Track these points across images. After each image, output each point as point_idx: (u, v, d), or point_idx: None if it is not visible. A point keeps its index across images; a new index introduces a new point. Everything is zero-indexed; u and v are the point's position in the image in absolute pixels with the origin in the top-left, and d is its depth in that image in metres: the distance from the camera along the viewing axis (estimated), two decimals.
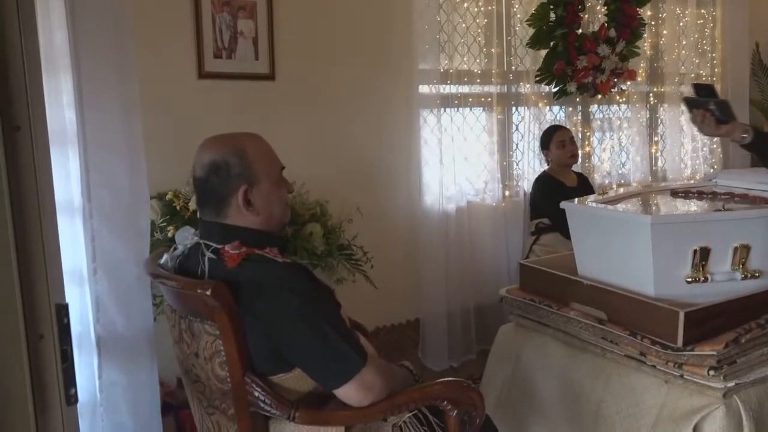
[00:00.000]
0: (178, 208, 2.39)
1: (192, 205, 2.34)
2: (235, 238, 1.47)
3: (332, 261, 2.65)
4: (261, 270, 1.43)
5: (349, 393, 1.41)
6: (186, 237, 1.56)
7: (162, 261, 1.59)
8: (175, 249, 1.59)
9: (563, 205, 2.43)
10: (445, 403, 1.47)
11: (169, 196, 2.41)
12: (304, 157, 2.84)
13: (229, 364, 1.40)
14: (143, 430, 1.80)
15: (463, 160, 3.39)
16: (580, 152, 3.63)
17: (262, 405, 1.40)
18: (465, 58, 3.39)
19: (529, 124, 3.58)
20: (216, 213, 1.50)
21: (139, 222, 1.75)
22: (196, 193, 1.55)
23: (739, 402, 1.92)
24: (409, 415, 1.54)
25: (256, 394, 1.39)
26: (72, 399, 0.86)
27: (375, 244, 2.83)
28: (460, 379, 1.54)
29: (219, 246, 1.47)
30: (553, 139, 3.41)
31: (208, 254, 1.47)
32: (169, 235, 2.27)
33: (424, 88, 3.20)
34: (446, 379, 1.53)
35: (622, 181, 3.99)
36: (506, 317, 2.67)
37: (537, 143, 3.54)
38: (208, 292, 1.34)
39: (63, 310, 0.85)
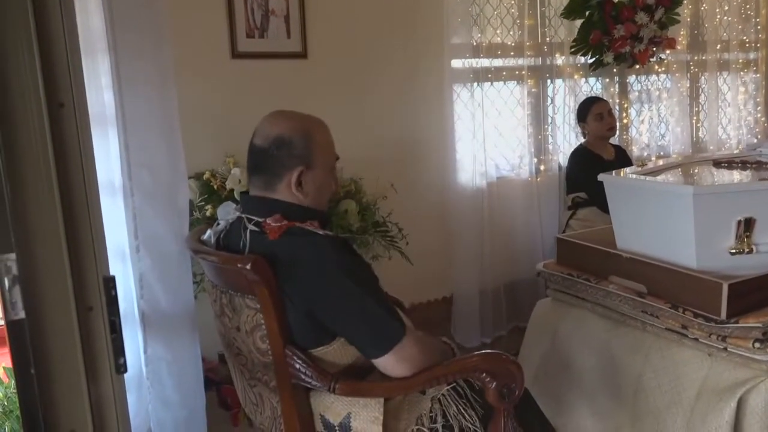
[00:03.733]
0: (215, 187, 2.42)
1: (230, 184, 2.37)
2: (278, 211, 1.48)
3: (368, 238, 2.66)
4: (302, 242, 1.45)
5: (389, 363, 1.43)
6: (228, 212, 1.58)
7: (205, 237, 1.62)
8: (218, 224, 1.61)
9: (601, 177, 2.40)
10: (484, 375, 1.47)
11: (206, 176, 2.45)
12: (337, 135, 2.78)
13: (270, 338, 1.42)
14: (188, 404, 1.85)
15: (497, 135, 3.35)
16: (618, 124, 3.56)
17: (303, 377, 1.42)
18: (498, 31, 3.33)
19: (564, 97, 3.51)
20: (265, 185, 1.52)
21: (178, 200, 1.78)
22: (250, 160, 1.56)
23: None
24: (448, 387, 1.54)
25: (297, 366, 1.42)
26: (121, 368, 0.88)
27: (409, 221, 2.82)
28: (499, 351, 1.53)
29: (261, 219, 1.49)
30: (590, 111, 3.35)
31: (251, 227, 1.49)
32: (207, 214, 2.31)
33: (456, 63, 3.16)
34: (484, 351, 1.53)
35: (662, 154, 3.89)
36: (539, 293, 2.66)
37: (573, 116, 3.48)
38: (248, 267, 1.36)
39: (110, 283, 0.87)
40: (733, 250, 2.03)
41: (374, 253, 2.73)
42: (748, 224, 2.03)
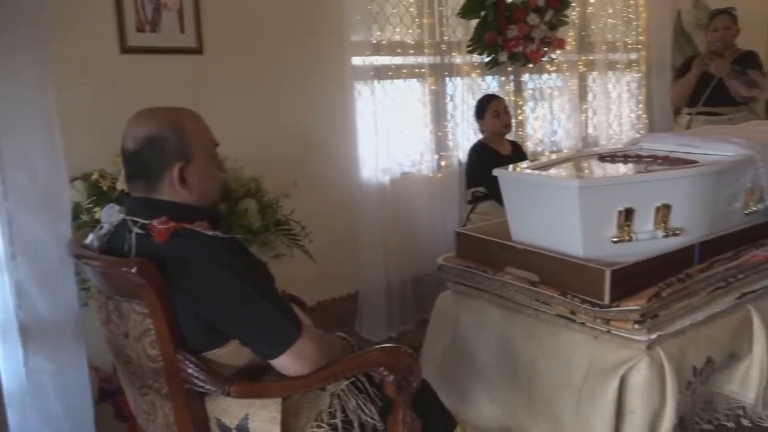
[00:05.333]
0: (104, 188, 2.30)
1: (120, 185, 2.27)
2: (164, 213, 1.43)
3: (269, 237, 2.63)
4: (190, 244, 1.41)
5: (286, 363, 1.42)
6: (111, 214, 1.51)
7: (87, 241, 1.54)
8: (101, 228, 1.54)
9: (495, 172, 2.48)
10: (382, 369, 1.48)
11: (94, 176, 2.32)
12: (236, 133, 2.76)
13: (160, 343, 1.37)
14: (73, 417, 1.75)
15: (398, 132, 3.40)
16: (513, 121, 3.70)
17: (196, 382, 1.39)
18: (398, 29, 3.38)
19: (463, 95, 3.61)
20: (146, 188, 1.47)
21: (59, 203, 1.68)
22: (125, 166, 1.50)
23: (661, 352, 2.02)
24: (347, 383, 1.55)
25: (190, 371, 1.38)
26: None
27: (313, 219, 2.81)
28: (397, 345, 1.55)
29: (146, 222, 1.43)
30: (487, 108, 3.46)
31: (135, 230, 1.44)
32: (97, 216, 2.19)
33: (357, 60, 3.18)
34: (382, 345, 1.55)
35: (555, 149, 4.09)
36: (443, 287, 2.71)
37: (471, 113, 3.58)
38: (134, 270, 1.31)
39: None
40: (615, 239, 2.17)
41: (276, 252, 2.69)
42: (628, 214, 2.16)
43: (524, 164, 2.81)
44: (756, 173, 2.40)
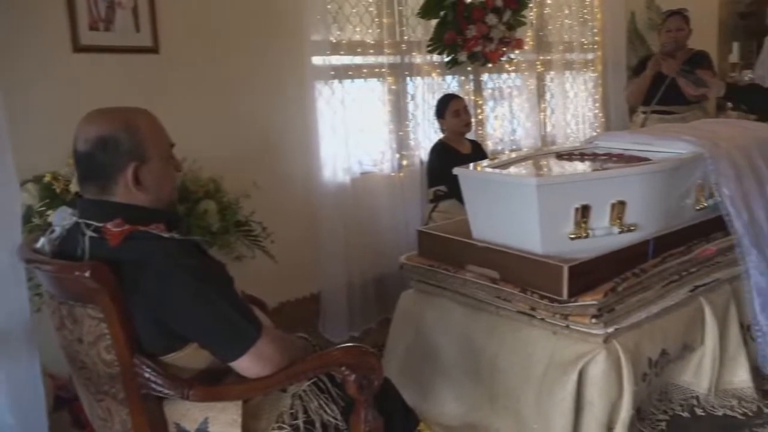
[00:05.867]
0: (57, 191, 2.25)
1: (73, 187, 2.21)
2: (118, 215, 1.40)
3: (229, 238, 2.60)
4: (146, 247, 1.38)
5: (246, 365, 1.40)
6: (63, 218, 1.47)
7: (38, 245, 1.50)
8: (53, 231, 1.50)
9: (456, 171, 2.51)
10: (344, 368, 1.48)
11: (47, 179, 2.26)
12: (195, 134, 2.74)
13: (116, 347, 1.35)
14: (27, 426, 1.70)
15: (359, 131, 3.39)
16: (473, 120, 3.73)
17: (153, 386, 1.36)
18: (357, 29, 3.38)
19: (423, 94, 3.62)
20: (100, 190, 1.44)
21: (8, 206, 1.63)
22: (77, 168, 1.46)
23: (618, 345, 2.07)
24: (309, 383, 1.55)
25: (147, 375, 1.35)
26: None
27: (274, 219, 2.79)
28: (358, 344, 1.55)
29: (100, 224, 1.40)
30: (448, 108, 3.48)
31: (89, 233, 1.40)
32: (49, 219, 2.14)
33: (317, 60, 3.16)
34: (343, 345, 1.55)
35: (514, 147, 4.14)
36: (406, 285, 2.73)
37: (432, 113, 3.60)
38: (87, 274, 1.28)
39: None
40: (573, 235, 2.21)
41: (237, 254, 2.67)
42: (584, 211, 2.21)
43: (484, 163, 2.84)
44: (706, 170, 2.47)
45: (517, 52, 3.97)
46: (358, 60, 3.37)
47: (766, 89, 2.71)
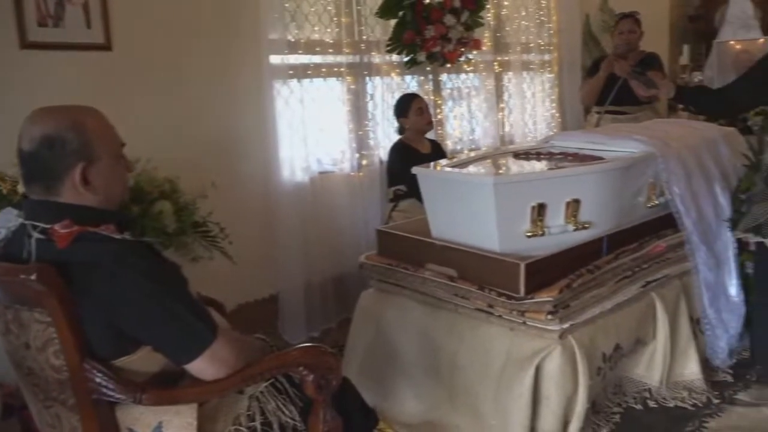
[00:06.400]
0: (4, 192, 2.18)
1: (21, 189, 2.15)
2: (66, 216, 1.37)
3: (186, 239, 2.55)
4: (96, 248, 1.35)
5: (201, 367, 1.38)
6: (8, 219, 1.43)
7: None
8: None
9: (414, 170, 2.52)
10: (301, 368, 1.47)
11: None
12: (149, 133, 2.69)
13: (65, 352, 1.31)
14: None
15: (318, 131, 3.38)
16: (433, 120, 3.75)
17: (105, 391, 1.33)
18: (316, 28, 3.36)
19: (383, 94, 3.63)
20: (46, 191, 1.39)
21: None
22: (22, 168, 1.42)
23: (573, 341, 2.11)
24: (266, 385, 1.53)
25: (98, 380, 1.32)
26: None
27: (233, 220, 2.76)
28: (316, 344, 1.55)
29: (47, 226, 1.36)
30: (411, 106, 3.49)
31: (36, 235, 1.36)
32: None
33: (275, 59, 3.13)
34: (301, 345, 1.54)
35: (473, 147, 4.18)
36: (367, 284, 2.73)
37: (392, 112, 3.60)
38: (33, 277, 1.25)
39: None
40: (529, 233, 2.25)
41: (194, 255, 2.62)
42: (540, 209, 2.25)
43: (443, 162, 2.87)
44: (657, 169, 2.54)
45: (475, 52, 4.01)
46: (316, 59, 3.35)
47: (714, 91, 2.80)
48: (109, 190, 1.44)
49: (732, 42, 5.18)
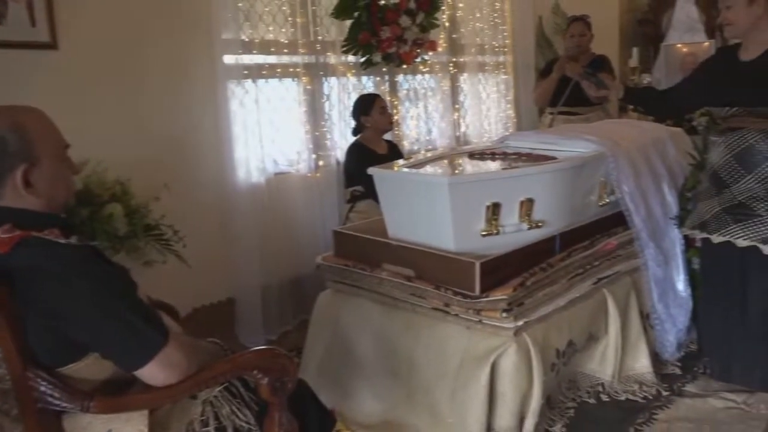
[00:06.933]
0: None
1: None
2: (7, 220, 1.32)
3: (138, 243, 2.50)
4: (40, 253, 1.31)
5: (152, 373, 1.35)
6: None
7: None
8: None
9: (370, 171, 2.53)
10: (256, 371, 1.46)
11: None
12: (99, 134, 2.63)
13: (7, 361, 1.27)
14: None
15: (274, 131, 3.35)
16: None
17: (50, 400, 1.29)
18: (270, 28, 3.33)
19: (339, 94, 3.62)
20: None
21: None
22: None
23: (527, 338, 2.15)
24: (220, 389, 1.51)
25: (43, 389, 1.28)
26: None
27: (187, 222, 2.71)
28: (270, 347, 1.53)
29: None
30: (374, 105, 3.48)
31: None
32: None
33: (228, 59, 3.09)
34: (255, 348, 1.52)
35: (430, 147, 4.21)
36: (324, 285, 2.72)
37: (348, 113, 3.60)
38: None
39: None
40: (484, 232, 2.27)
41: (147, 259, 2.57)
42: (495, 209, 2.28)
43: (400, 162, 2.88)
44: (607, 168, 2.60)
45: (431, 53, 4.04)
46: (271, 59, 3.32)
47: (660, 92, 2.88)
48: (52, 192, 1.39)
49: (679, 45, 5.35)
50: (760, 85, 2.28)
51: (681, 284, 2.71)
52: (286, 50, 3.38)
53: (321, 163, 3.53)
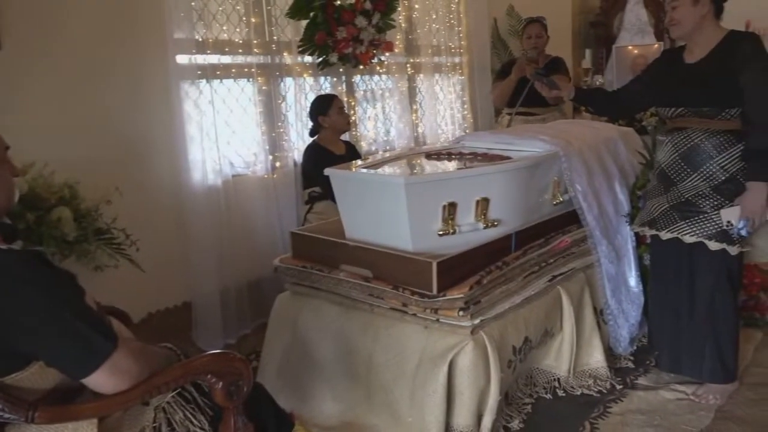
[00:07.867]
0: None
1: None
2: None
3: (88, 247, 2.44)
4: None
5: (100, 380, 1.31)
6: None
7: None
8: None
9: (327, 171, 2.51)
10: (209, 376, 1.44)
11: None
12: (46, 136, 2.55)
13: None
14: None
15: (230, 132, 3.30)
16: None
17: None
18: (224, 28, 3.28)
19: (295, 95, 3.59)
20: None
21: None
22: None
23: (484, 336, 2.17)
24: (173, 394, 1.48)
25: None
26: None
27: (140, 226, 2.66)
28: (224, 351, 1.51)
29: None
30: (332, 105, 3.47)
31: None
32: None
33: (182, 59, 3.04)
34: (209, 352, 1.50)
35: (388, 148, 4.22)
36: (283, 288, 2.69)
37: (305, 114, 3.58)
38: None
39: None
40: (441, 232, 2.29)
41: (98, 263, 2.51)
42: (451, 208, 2.29)
43: (358, 163, 2.87)
44: (560, 167, 2.65)
45: (387, 54, 4.04)
46: (226, 59, 3.27)
47: (610, 92, 2.94)
48: None
49: (630, 47, 5.49)
50: (704, 86, 2.35)
51: (633, 280, 2.78)
52: (240, 50, 3.34)
53: (278, 164, 3.50)
